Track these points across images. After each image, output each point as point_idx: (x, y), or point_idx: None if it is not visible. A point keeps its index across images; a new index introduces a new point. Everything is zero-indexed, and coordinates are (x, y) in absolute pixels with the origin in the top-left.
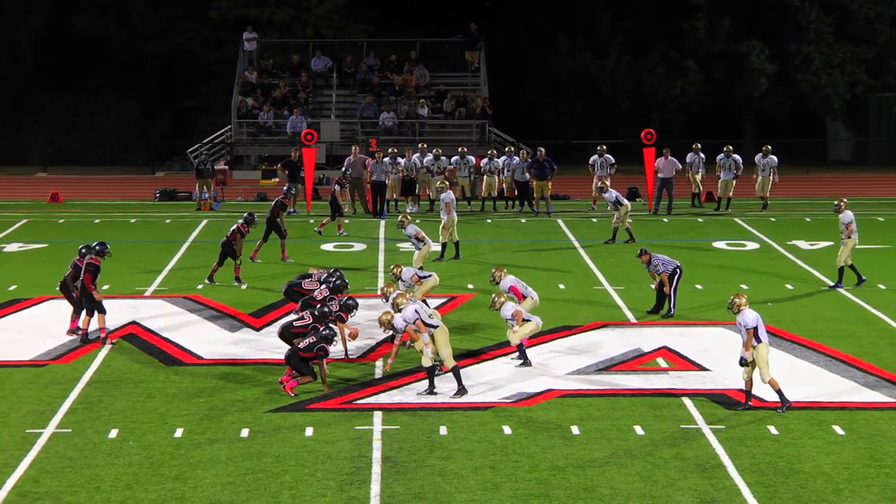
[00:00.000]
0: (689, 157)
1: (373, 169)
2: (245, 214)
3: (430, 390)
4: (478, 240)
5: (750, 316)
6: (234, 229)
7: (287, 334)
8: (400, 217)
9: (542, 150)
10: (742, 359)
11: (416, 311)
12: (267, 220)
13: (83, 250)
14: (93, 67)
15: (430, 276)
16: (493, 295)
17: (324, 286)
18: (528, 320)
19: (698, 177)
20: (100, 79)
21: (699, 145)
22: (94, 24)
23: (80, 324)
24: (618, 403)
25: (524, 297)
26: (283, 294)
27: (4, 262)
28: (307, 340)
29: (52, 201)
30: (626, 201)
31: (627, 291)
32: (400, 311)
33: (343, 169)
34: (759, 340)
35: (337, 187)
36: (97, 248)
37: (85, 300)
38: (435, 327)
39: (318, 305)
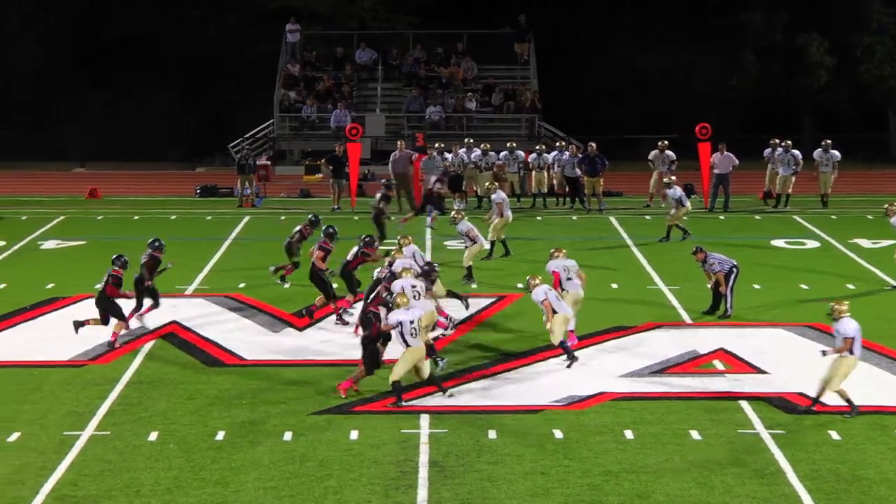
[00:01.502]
0: (766, 152)
1: (424, 166)
2: (309, 216)
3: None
4: (527, 237)
5: (850, 325)
6: (297, 231)
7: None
8: (452, 213)
9: (594, 145)
10: (823, 351)
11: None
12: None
13: (155, 243)
14: (132, 61)
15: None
16: (529, 277)
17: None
18: (556, 311)
19: (781, 172)
20: (139, 73)
21: (777, 140)
22: (133, 18)
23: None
24: (673, 407)
25: (561, 290)
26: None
27: (42, 260)
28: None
29: (90, 197)
30: (688, 203)
31: (683, 291)
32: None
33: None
34: (850, 353)
35: (438, 184)
36: (157, 244)
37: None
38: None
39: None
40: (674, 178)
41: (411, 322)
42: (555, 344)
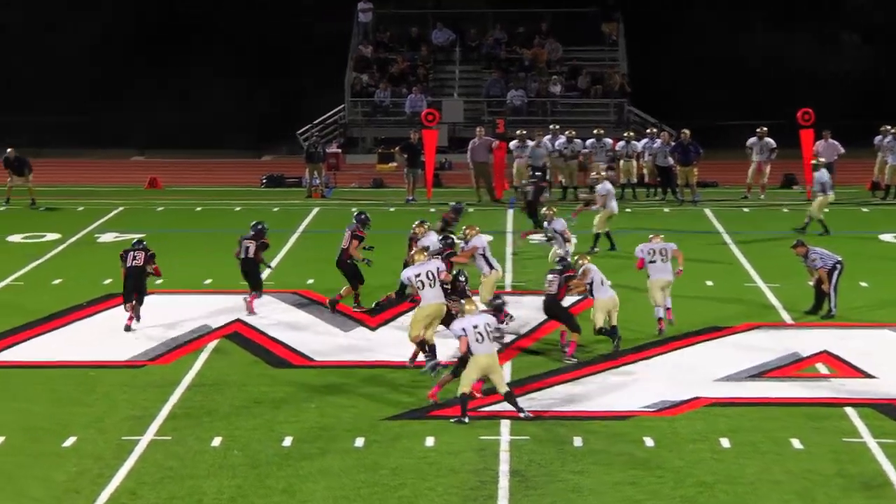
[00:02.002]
0: (876, 140)
1: (532, 154)
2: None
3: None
4: (616, 230)
5: None
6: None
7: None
8: (544, 210)
9: (687, 132)
10: None
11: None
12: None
13: (258, 225)
14: (194, 44)
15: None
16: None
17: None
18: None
19: (890, 161)
20: (202, 56)
21: (888, 127)
22: None
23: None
24: (772, 414)
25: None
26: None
27: (99, 253)
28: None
29: (150, 187)
30: (831, 191)
31: (783, 289)
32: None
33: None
34: None
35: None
36: (362, 217)
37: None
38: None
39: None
40: (822, 159)
41: (475, 327)
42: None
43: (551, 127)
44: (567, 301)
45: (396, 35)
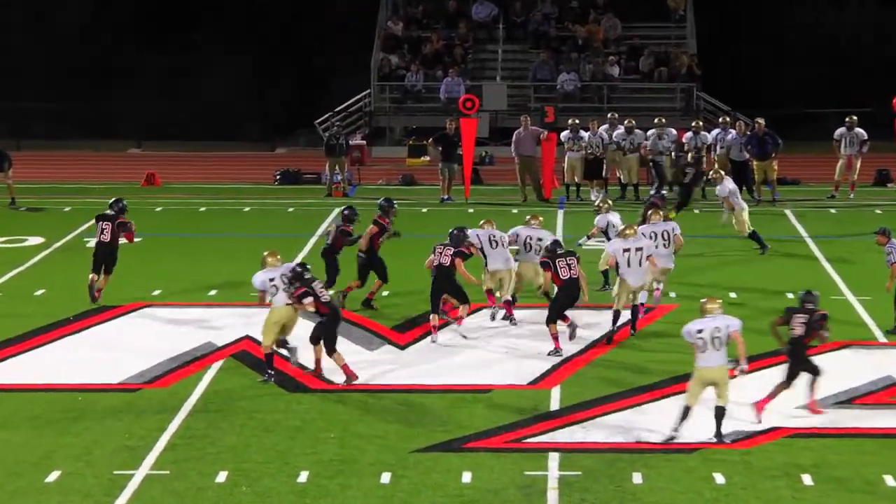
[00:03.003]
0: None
1: (653, 145)
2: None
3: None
4: (686, 234)
5: None
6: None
7: None
8: (598, 202)
9: (762, 121)
10: None
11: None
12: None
13: (346, 211)
14: (200, 19)
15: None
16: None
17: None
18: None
19: None
20: (208, 33)
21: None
22: None
23: None
24: (863, 447)
25: None
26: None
27: (88, 260)
28: None
29: (147, 184)
30: None
31: (875, 302)
32: None
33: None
34: None
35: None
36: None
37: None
38: None
39: None
40: None
41: (700, 332)
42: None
43: (609, 115)
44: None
45: (430, 9)
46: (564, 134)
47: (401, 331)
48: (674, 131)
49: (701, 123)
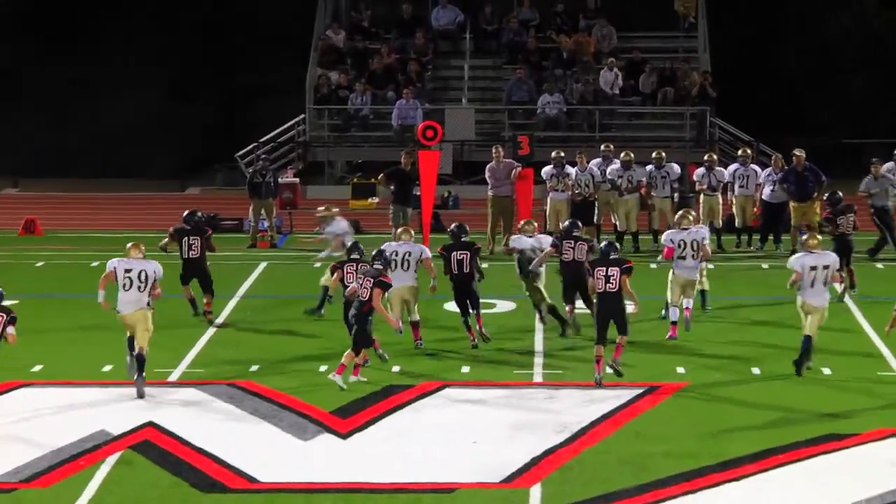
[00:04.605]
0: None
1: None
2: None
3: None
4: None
5: None
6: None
7: None
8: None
9: (801, 154)
10: None
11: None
12: None
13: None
14: (99, 30)
15: None
16: None
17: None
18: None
19: None
20: (109, 46)
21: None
22: None
23: None
24: None
25: None
26: None
27: None
28: None
29: (25, 233)
30: None
31: None
32: None
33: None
34: None
35: None
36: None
37: None
38: None
39: None
40: None
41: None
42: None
43: (602, 147)
44: None
45: (380, 15)
46: (546, 170)
47: (341, 415)
48: (675, 166)
49: (716, 157)
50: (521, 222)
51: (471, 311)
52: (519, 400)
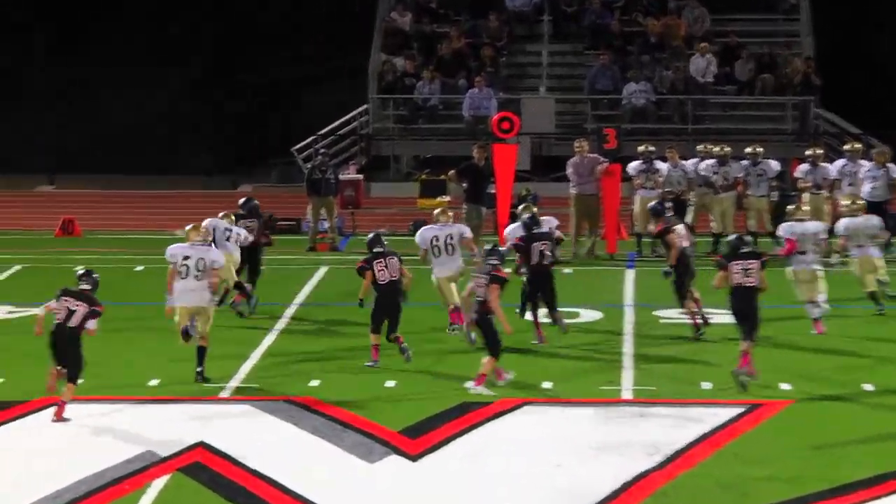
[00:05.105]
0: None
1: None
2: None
3: None
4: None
5: None
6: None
7: None
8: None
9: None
10: None
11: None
12: None
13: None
14: (127, 14)
15: None
16: None
17: None
18: None
19: None
20: (145, 29)
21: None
22: None
23: None
24: None
25: None
26: None
27: None
28: None
29: (63, 234)
30: None
31: None
32: None
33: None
34: None
35: None
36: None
37: None
38: None
39: None
40: None
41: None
42: None
43: (698, 148)
44: None
45: None
46: (634, 166)
47: (411, 435)
48: (774, 163)
49: (820, 152)
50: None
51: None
52: (606, 418)
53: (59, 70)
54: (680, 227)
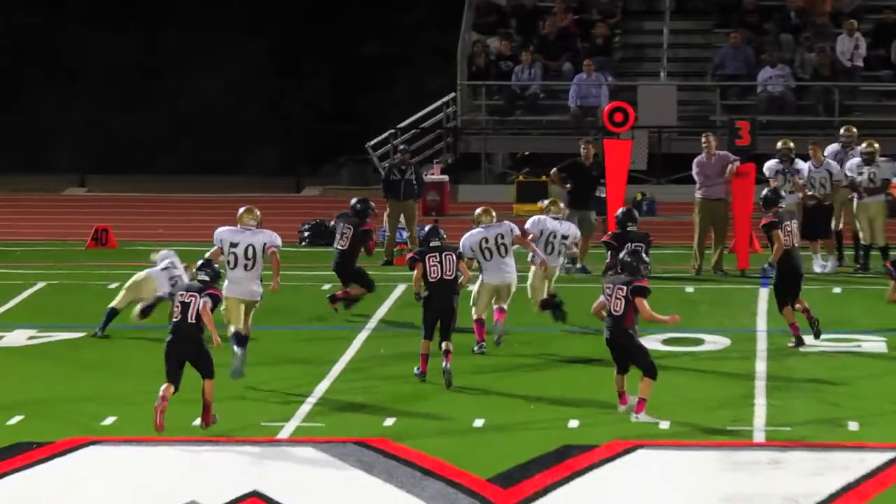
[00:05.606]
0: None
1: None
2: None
3: None
4: None
5: None
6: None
7: None
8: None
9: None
10: None
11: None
12: None
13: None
14: None
15: None
16: None
17: None
18: None
19: None
20: (194, 13)
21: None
22: None
23: None
24: None
25: None
26: None
27: (2, 368)
28: None
29: (95, 245)
30: None
31: None
32: None
33: None
34: None
35: None
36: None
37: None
38: None
39: None
40: None
41: None
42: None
43: (842, 132)
44: None
45: None
46: (770, 165)
47: (502, 484)
48: None
49: None
50: (546, 202)
51: None
52: (734, 465)
53: (92, 56)
54: (792, 225)
